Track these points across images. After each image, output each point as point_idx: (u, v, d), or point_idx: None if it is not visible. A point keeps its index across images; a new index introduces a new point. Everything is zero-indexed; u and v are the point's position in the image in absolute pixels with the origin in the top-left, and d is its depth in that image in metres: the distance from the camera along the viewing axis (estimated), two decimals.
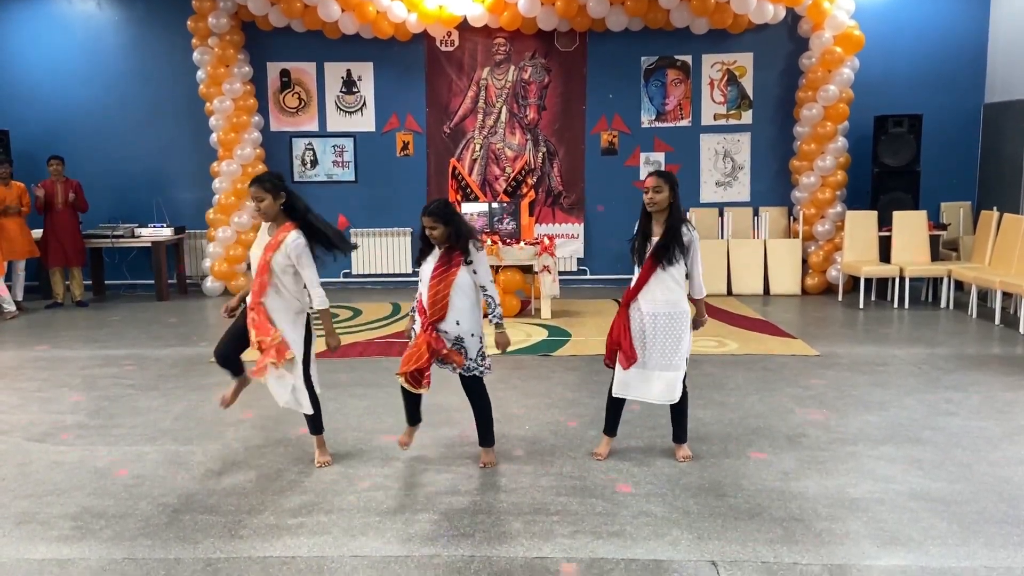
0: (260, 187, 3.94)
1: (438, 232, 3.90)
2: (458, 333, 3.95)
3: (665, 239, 3.95)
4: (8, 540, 3.38)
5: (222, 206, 9.52)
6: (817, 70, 9.15)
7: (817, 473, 3.98)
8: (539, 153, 9.99)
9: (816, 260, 9.34)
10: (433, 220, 3.89)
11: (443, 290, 3.90)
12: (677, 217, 3.99)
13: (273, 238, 3.97)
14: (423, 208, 3.94)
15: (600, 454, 4.20)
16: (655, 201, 3.98)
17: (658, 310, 3.98)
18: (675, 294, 4.00)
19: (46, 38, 9.83)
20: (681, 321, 4.00)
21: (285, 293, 4.01)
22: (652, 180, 3.99)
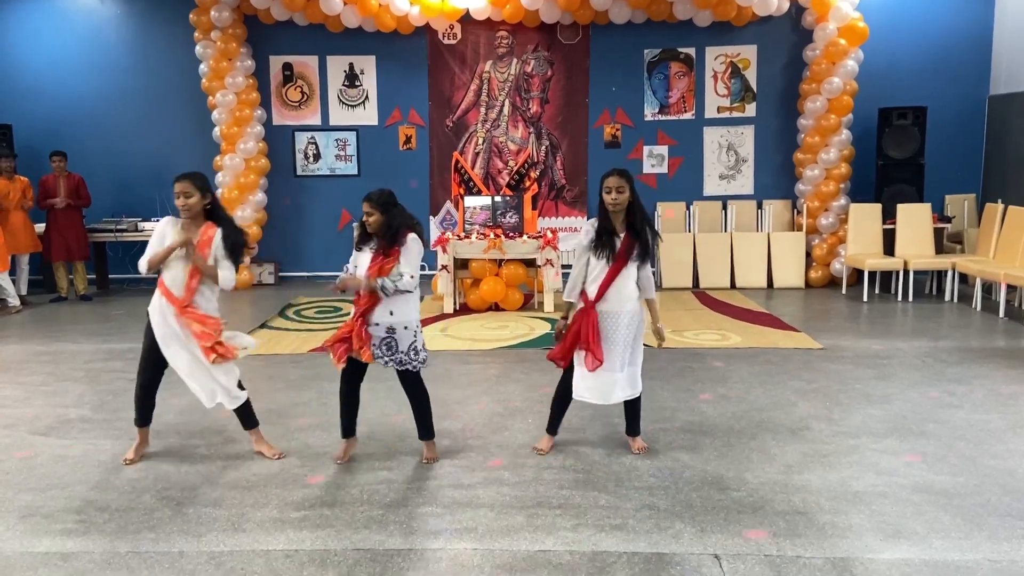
0: (191, 183, 3.99)
1: (373, 219, 3.88)
2: (391, 323, 3.92)
3: (638, 237, 3.94)
4: (12, 533, 3.39)
5: (225, 200, 9.50)
6: (821, 62, 9.11)
7: (820, 466, 3.98)
8: (542, 146, 9.97)
9: (820, 253, 9.31)
10: (371, 206, 3.88)
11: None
12: (641, 215, 3.98)
13: (203, 235, 4.02)
14: (366, 196, 3.93)
15: (543, 449, 4.18)
16: (619, 201, 3.93)
17: (623, 308, 3.99)
18: (635, 292, 4.03)
19: (49, 32, 9.83)
20: (640, 318, 4.06)
21: (207, 292, 4.08)
22: (615, 180, 3.93)
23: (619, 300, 3.97)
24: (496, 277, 7.96)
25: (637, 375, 4.10)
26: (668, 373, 5.72)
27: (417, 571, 3.04)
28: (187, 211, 4.00)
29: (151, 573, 3.05)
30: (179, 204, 3.99)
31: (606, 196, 3.94)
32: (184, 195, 3.98)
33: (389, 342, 3.94)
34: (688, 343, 6.61)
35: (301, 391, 5.41)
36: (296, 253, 10.17)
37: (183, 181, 4.00)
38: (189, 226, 4.05)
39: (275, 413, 4.94)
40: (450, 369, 5.94)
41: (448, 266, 7.98)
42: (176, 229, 4.05)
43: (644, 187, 9.95)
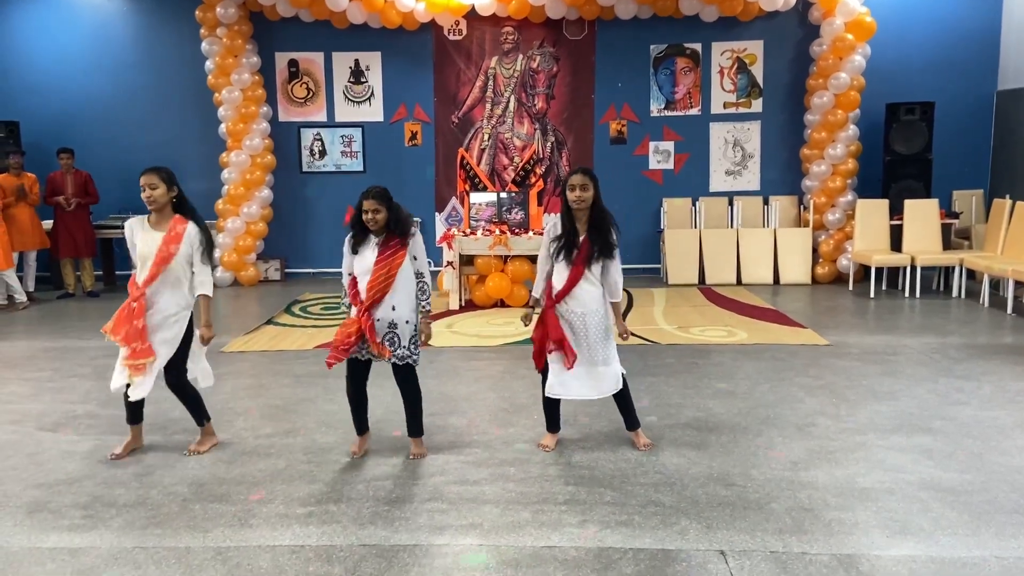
0: (156, 175, 3.99)
1: (381, 216, 3.87)
2: (393, 319, 3.93)
3: (597, 238, 3.91)
4: (20, 529, 3.41)
5: (231, 197, 9.54)
6: (828, 57, 9.07)
7: (826, 463, 3.97)
8: (548, 142, 9.96)
9: (827, 249, 9.28)
10: (377, 203, 3.86)
11: (391, 274, 3.89)
12: (603, 215, 3.94)
13: (171, 230, 4.01)
14: (363, 192, 3.90)
15: (548, 446, 4.18)
16: (583, 199, 3.89)
17: (587, 308, 3.98)
18: (598, 291, 4.01)
19: (55, 29, 9.86)
20: (608, 316, 4.04)
21: (179, 284, 4.05)
22: (580, 178, 3.88)
23: (581, 302, 3.97)
24: (501, 273, 7.96)
25: (615, 372, 4.06)
26: (674, 369, 5.71)
27: (423, 567, 3.05)
28: (152, 203, 3.99)
29: (158, 569, 3.06)
30: (144, 196, 3.98)
31: (569, 194, 3.90)
32: (149, 187, 3.97)
33: (391, 337, 3.95)
34: (694, 339, 6.60)
35: (307, 387, 5.41)
36: (302, 249, 10.19)
37: (148, 174, 4.00)
38: (157, 221, 4.05)
39: (281, 409, 4.95)
40: (456, 365, 5.94)
41: (453, 262, 7.98)
42: (144, 227, 4.05)
43: (650, 183, 9.94)
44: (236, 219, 9.53)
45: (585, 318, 3.97)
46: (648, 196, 9.94)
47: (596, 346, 3.99)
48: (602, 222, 3.93)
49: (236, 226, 9.53)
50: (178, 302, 4.06)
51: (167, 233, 4.01)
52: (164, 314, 4.03)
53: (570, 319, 3.98)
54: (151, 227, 4.05)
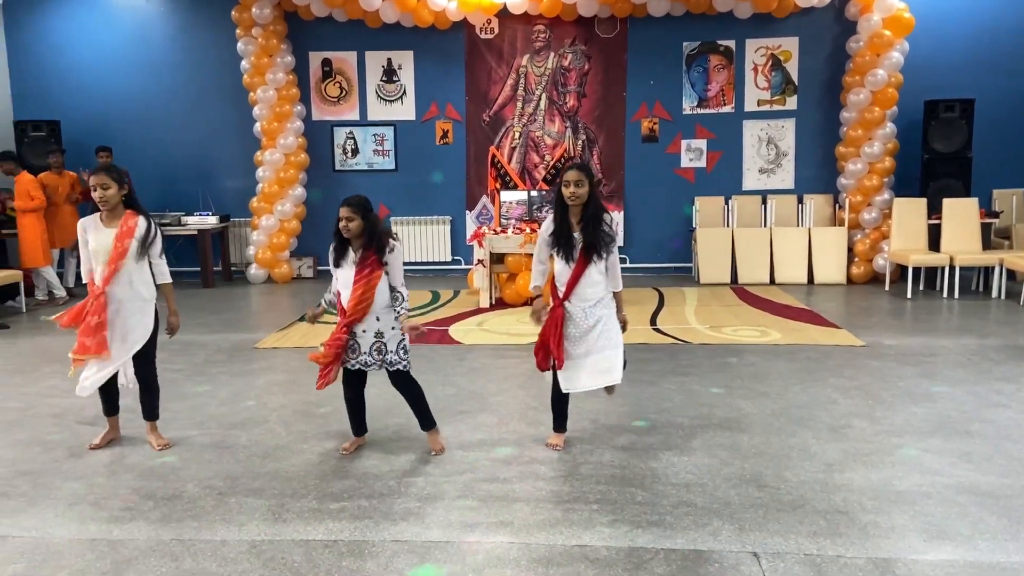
0: (107, 175, 4.02)
1: (354, 224, 3.85)
2: (378, 328, 3.94)
3: (594, 233, 3.89)
4: (61, 520, 3.48)
5: (265, 195, 9.66)
6: (865, 54, 8.94)
7: (862, 465, 3.91)
8: (579, 141, 9.93)
9: (862, 248, 9.15)
10: (351, 211, 3.84)
11: (368, 294, 3.89)
12: (598, 209, 3.92)
13: (122, 226, 4.06)
14: (343, 201, 3.91)
15: (558, 445, 4.18)
16: (577, 195, 3.86)
17: (594, 299, 3.98)
18: (602, 284, 4.00)
19: (95, 29, 10.05)
20: (610, 304, 4.05)
21: (136, 278, 4.11)
22: (574, 174, 3.85)
23: (585, 296, 3.97)
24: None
25: (618, 358, 4.03)
26: (706, 369, 5.67)
27: (454, 563, 3.06)
28: (105, 203, 4.03)
29: (194, 561, 3.11)
30: (97, 197, 4.02)
31: (564, 190, 3.87)
32: (101, 187, 4.00)
33: (379, 346, 3.96)
34: (726, 339, 6.54)
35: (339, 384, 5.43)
36: None
37: (99, 174, 4.03)
38: (109, 218, 4.10)
39: (314, 405, 5.00)
40: (486, 363, 5.96)
41: (484, 260, 8.00)
42: (96, 226, 4.08)
43: (682, 181, 9.88)
44: (270, 217, 9.64)
45: (593, 310, 3.98)
46: (680, 194, 9.87)
47: (602, 334, 3.98)
48: (597, 217, 3.90)
49: (270, 224, 9.65)
50: (141, 295, 4.14)
51: (119, 229, 4.06)
52: (129, 310, 4.12)
53: (576, 315, 3.98)
54: (103, 225, 4.10)
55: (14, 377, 5.81)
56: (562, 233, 3.93)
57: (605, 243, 3.91)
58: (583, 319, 3.98)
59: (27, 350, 6.64)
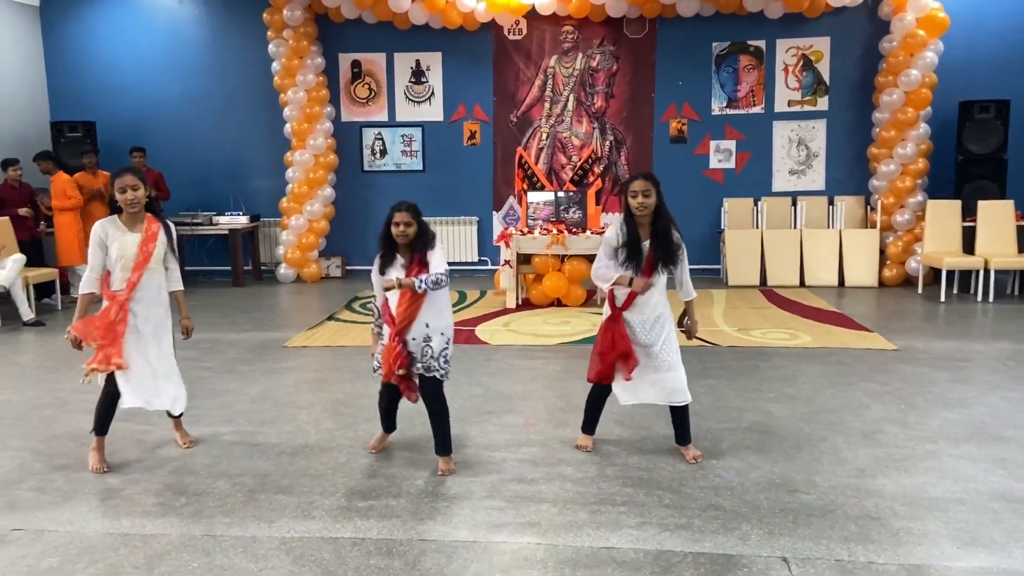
0: (136, 176, 3.93)
1: (412, 230, 3.78)
2: (427, 333, 3.83)
3: (663, 246, 3.82)
4: (94, 515, 3.54)
5: (295, 195, 9.75)
6: (898, 54, 8.82)
7: (894, 471, 3.86)
8: (606, 141, 9.91)
9: (895, 251, 9.03)
10: (409, 216, 3.77)
11: (416, 298, 3.80)
12: (667, 220, 3.84)
13: (147, 231, 3.97)
14: (394, 205, 3.82)
15: (586, 446, 4.16)
16: (645, 205, 3.78)
17: (655, 313, 3.91)
18: (664, 297, 3.95)
19: (130, 32, 10.21)
20: (669, 321, 3.97)
21: (160, 283, 4.04)
22: (641, 184, 3.78)
23: (649, 308, 3.90)
24: (559, 273, 7.95)
25: (682, 379, 3.95)
26: (734, 372, 5.63)
27: (481, 563, 3.07)
28: (136, 204, 3.91)
29: (225, 556, 3.15)
30: (128, 198, 3.89)
31: (632, 201, 3.80)
32: (132, 188, 3.89)
33: (424, 348, 3.85)
34: (755, 341, 6.49)
35: (367, 382, 5.49)
36: (363, 247, 10.34)
37: (128, 175, 3.91)
38: (132, 222, 3.98)
39: (342, 404, 5.04)
40: (512, 364, 5.96)
41: (511, 261, 8.00)
42: (118, 229, 3.95)
43: (711, 182, 9.81)
44: (299, 217, 9.73)
45: (653, 324, 3.90)
46: (708, 196, 9.81)
47: (662, 352, 3.91)
48: (666, 229, 3.82)
49: (299, 224, 9.73)
50: (162, 302, 4.07)
51: (144, 234, 3.96)
52: (155, 321, 4.02)
53: (636, 327, 3.90)
54: (126, 228, 3.97)
55: (50, 373, 5.93)
56: (629, 244, 3.84)
57: (670, 257, 3.82)
58: (643, 333, 3.90)
59: (62, 347, 6.73)
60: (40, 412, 5.00)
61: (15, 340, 7.07)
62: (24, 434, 4.59)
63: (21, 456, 4.25)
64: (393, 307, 3.84)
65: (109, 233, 3.96)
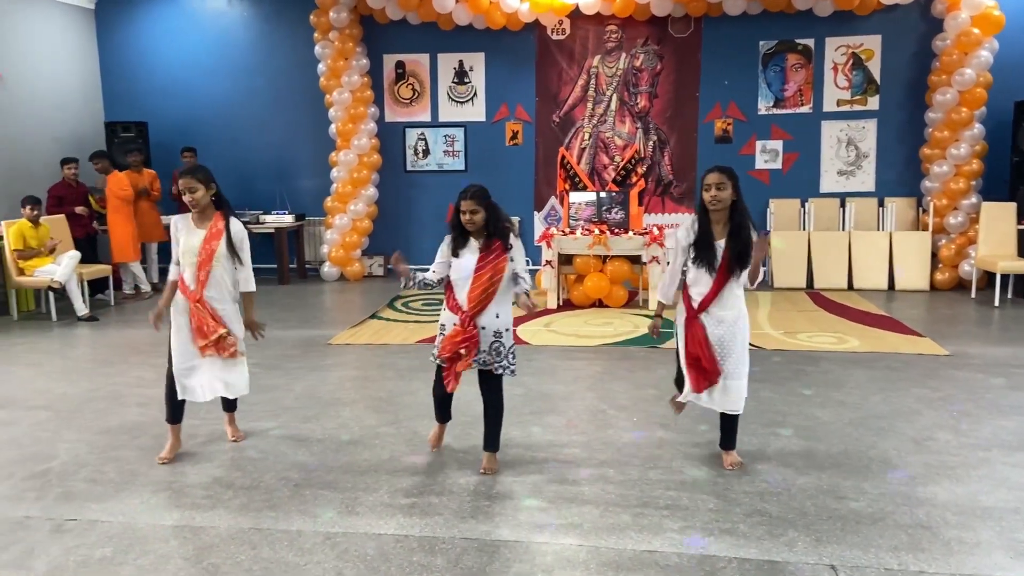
0: (193, 178, 3.95)
1: (479, 216, 3.71)
2: (497, 327, 3.79)
3: (739, 244, 3.65)
4: (146, 506, 3.63)
5: (339, 194, 9.86)
6: (952, 52, 8.60)
7: (946, 479, 3.77)
8: (650, 141, 9.84)
9: (947, 254, 8.80)
10: (475, 203, 3.70)
11: (495, 278, 3.74)
12: (744, 216, 3.68)
13: (211, 228, 4.00)
14: (463, 192, 3.74)
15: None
16: (719, 199, 3.63)
17: (735, 313, 3.75)
18: (742, 300, 3.79)
19: (181, 34, 10.42)
20: (746, 324, 3.80)
21: (225, 282, 4.05)
22: (715, 176, 3.64)
23: (724, 307, 3.74)
24: (600, 273, 7.92)
25: (743, 389, 3.81)
26: (781, 376, 5.54)
27: (523, 563, 3.07)
28: (195, 205, 3.98)
29: (272, 550, 3.20)
30: (186, 200, 3.97)
31: (705, 194, 3.67)
32: (189, 191, 3.95)
33: (497, 346, 3.80)
34: (802, 345, 6.38)
35: (410, 381, 5.54)
36: (405, 246, 10.37)
37: (186, 177, 3.96)
38: (199, 219, 4.04)
39: (384, 401, 5.08)
40: (554, 364, 5.95)
41: (552, 261, 7.99)
42: (188, 225, 4.04)
43: (756, 183, 9.68)
44: (343, 216, 9.84)
45: (733, 325, 3.74)
46: (754, 197, 9.66)
47: (736, 358, 3.76)
48: (743, 226, 3.66)
49: (343, 223, 9.84)
50: (231, 299, 4.10)
51: (208, 232, 4.01)
52: (225, 314, 4.07)
53: (715, 327, 3.74)
54: (194, 226, 4.05)
55: (104, 367, 6.08)
56: (703, 241, 3.70)
57: (744, 258, 3.65)
58: (720, 337, 3.74)
59: (116, 341, 6.94)
60: (94, 405, 5.13)
61: (70, 335, 7.28)
62: (79, 426, 4.72)
63: (76, 448, 4.37)
64: (463, 293, 3.77)
65: (179, 228, 4.07)
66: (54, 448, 4.37)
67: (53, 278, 7.63)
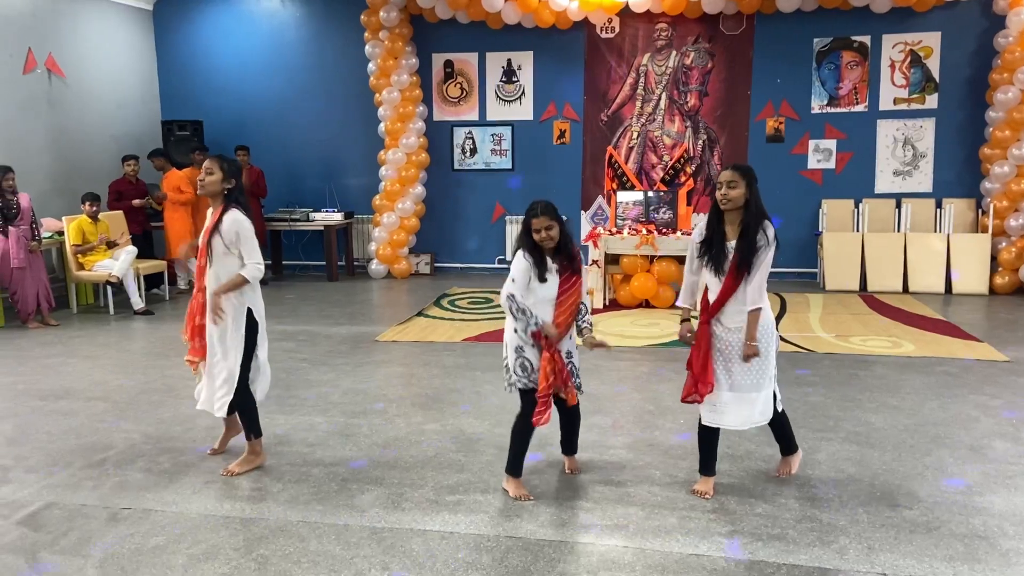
0: (215, 162, 3.87)
1: (554, 232, 3.48)
2: (569, 348, 3.66)
3: (743, 246, 3.42)
4: (198, 496, 3.71)
5: (388, 193, 9.95)
6: (1015, 50, 8.33)
7: (1004, 488, 3.65)
8: (699, 140, 9.72)
9: (1007, 257, 8.53)
10: (548, 219, 3.46)
11: (575, 303, 3.57)
12: (756, 216, 3.44)
13: (212, 221, 3.89)
14: (531, 209, 3.50)
15: (705, 492, 3.63)
16: (729, 197, 3.42)
17: (736, 328, 3.49)
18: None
19: (235, 34, 10.62)
20: (769, 333, 3.51)
21: (220, 276, 3.86)
22: (728, 174, 3.45)
23: (733, 317, 3.49)
24: (647, 274, 7.85)
25: (770, 399, 3.58)
26: (833, 380, 5.43)
27: (568, 563, 3.06)
28: (202, 187, 3.86)
29: (319, 543, 3.24)
30: (198, 179, 3.91)
31: (716, 192, 3.48)
32: (207, 172, 3.86)
33: (571, 368, 3.69)
34: (854, 349, 6.25)
35: (455, 378, 5.56)
36: (451, 245, 10.48)
37: (211, 159, 3.90)
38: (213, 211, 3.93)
39: (431, 399, 5.11)
40: (599, 365, 5.92)
41: (599, 261, 7.95)
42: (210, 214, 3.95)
43: (809, 183, 9.50)
44: (391, 214, 9.92)
45: (737, 336, 3.50)
46: (806, 197, 9.50)
47: (750, 369, 3.50)
48: (753, 227, 3.43)
49: (391, 221, 9.93)
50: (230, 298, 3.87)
51: (209, 222, 3.90)
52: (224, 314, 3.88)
53: (721, 336, 3.53)
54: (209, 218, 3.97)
55: (159, 360, 6.24)
56: (712, 241, 3.52)
57: (748, 260, 3.41)
58: (730, 346, 3.52)
59: (170, 335, 7.11)
60: (149, 397, 5.27)
61: (126, 328, 7.48)
62: (134, 417, 4.85)
63: (131, 438, 4.49)
64: (548, 317, 3.54)
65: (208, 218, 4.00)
66: (111, 438, 4.49)
67: (111, 272, 7.85)
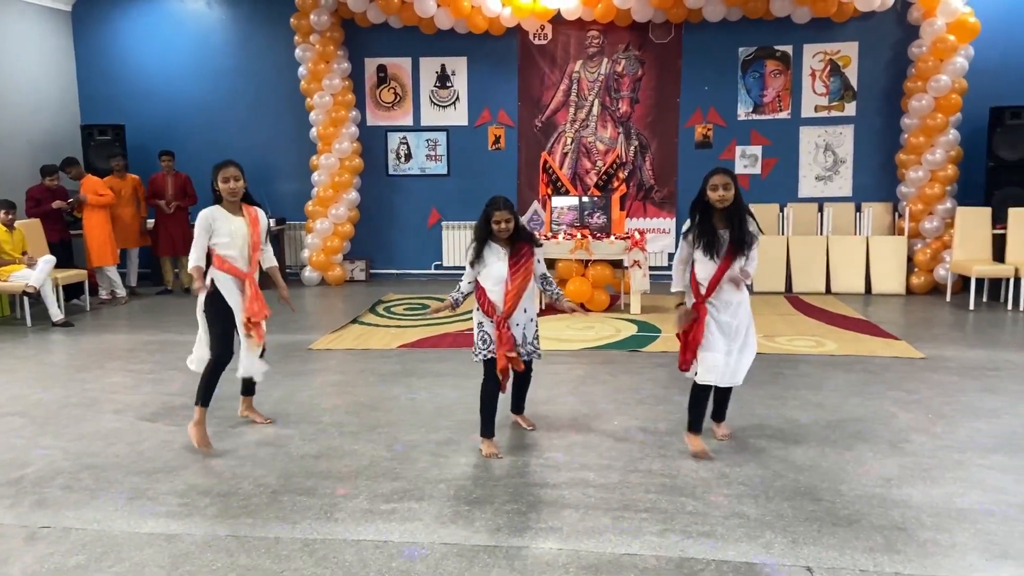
0: (238, 168, 4.35)
1: (512, 224, 4.10)
2: (525, 320, 4.22)
3: (739, 232, 3.98)
4: (120, 514, 3.58)
5: (320, 198, 9.82)
6: (928, 59, 8.72)
7: (921, 481, 3.81)
8: (631, 147, 9.88)
9: (923, 258, 8.91)
10: (509, 212, 4.08)
11: (526, 281, 4.15)
12: (743, 208, 4.02)
13: (251, 215, 4.41)
14: (492, 203, 4.11)
15: (700, 452, 4.12)
16: (726, 199, 3.95)
17: (735, 299, 4.06)
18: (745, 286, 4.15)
19: (160, 36, 10.34)
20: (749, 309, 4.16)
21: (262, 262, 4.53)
22: (721, 178, 3.96)
23: (728, 296, 4.04)
24: (582, 278, 7.94)
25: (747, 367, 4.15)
26: (759, 379, 5.57)
27: (502, 568, 3.06)
28: (235, 194, 4.32)
29: (249, 557, 3.17)
30: (229, 188, 4.30)
31: (712, 194, 3.95)
32: (234, 179, 4.31)
33: (524, 333, 4.22)
34: (780, 348, 6.43)
35: (391, 386, 5.52)
36: (387, 251, 10.40)
37: (232, 167, 4.33)
38: (232, 209, 4.37)
39: (366, 407, 5.06)
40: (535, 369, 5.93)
41: None
42: (225, 216, 4.33)
43: None
44: (324, 220, 9.80)
45: (739, 307, 4.05)
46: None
47: (745, 336, 4.09)
48: (741, 216, 4.00)
49: (324, 227, 9.80)
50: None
51: (248, 218, 4.39)
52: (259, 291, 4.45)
53: (721, 310, 4.02)
54: (229, 213, 4.35)
55: (79, 373, 6.02)
56: (706, 231, 3.99)
57: (747, 241, 3.98)
58: (730, 317, 4.04)
59: (91, 347, 6.86)
60: (69, 411, 5.07)
61: (45, 340, 7.19)
62: (54, 432, 4.67)
63: (50, 454, 4.32)
64: (497, 297, 4.13)
65: (216, 219, 4.31)
66: (28, 455, 4.31)
67: (27, 283, 7.54)
